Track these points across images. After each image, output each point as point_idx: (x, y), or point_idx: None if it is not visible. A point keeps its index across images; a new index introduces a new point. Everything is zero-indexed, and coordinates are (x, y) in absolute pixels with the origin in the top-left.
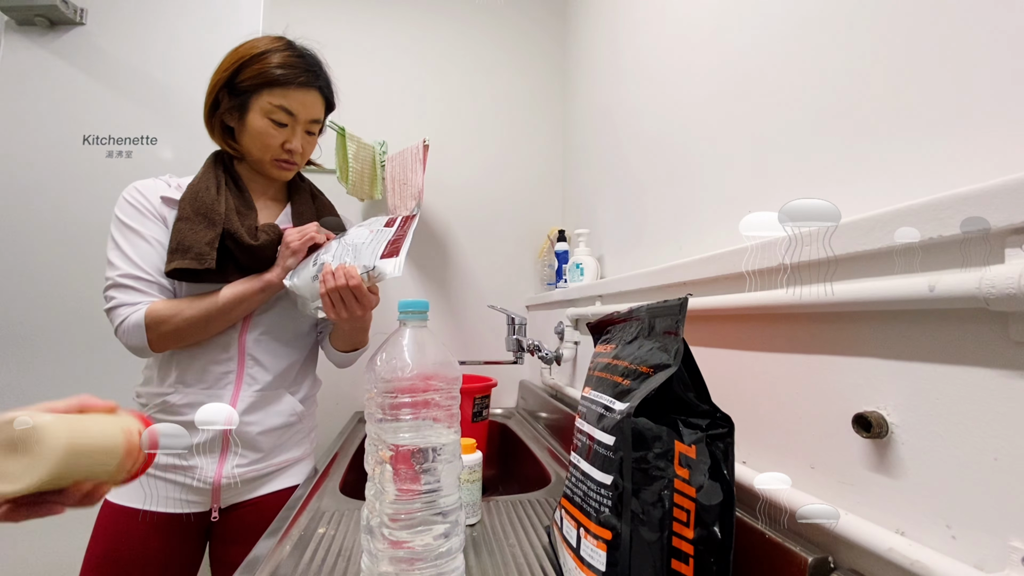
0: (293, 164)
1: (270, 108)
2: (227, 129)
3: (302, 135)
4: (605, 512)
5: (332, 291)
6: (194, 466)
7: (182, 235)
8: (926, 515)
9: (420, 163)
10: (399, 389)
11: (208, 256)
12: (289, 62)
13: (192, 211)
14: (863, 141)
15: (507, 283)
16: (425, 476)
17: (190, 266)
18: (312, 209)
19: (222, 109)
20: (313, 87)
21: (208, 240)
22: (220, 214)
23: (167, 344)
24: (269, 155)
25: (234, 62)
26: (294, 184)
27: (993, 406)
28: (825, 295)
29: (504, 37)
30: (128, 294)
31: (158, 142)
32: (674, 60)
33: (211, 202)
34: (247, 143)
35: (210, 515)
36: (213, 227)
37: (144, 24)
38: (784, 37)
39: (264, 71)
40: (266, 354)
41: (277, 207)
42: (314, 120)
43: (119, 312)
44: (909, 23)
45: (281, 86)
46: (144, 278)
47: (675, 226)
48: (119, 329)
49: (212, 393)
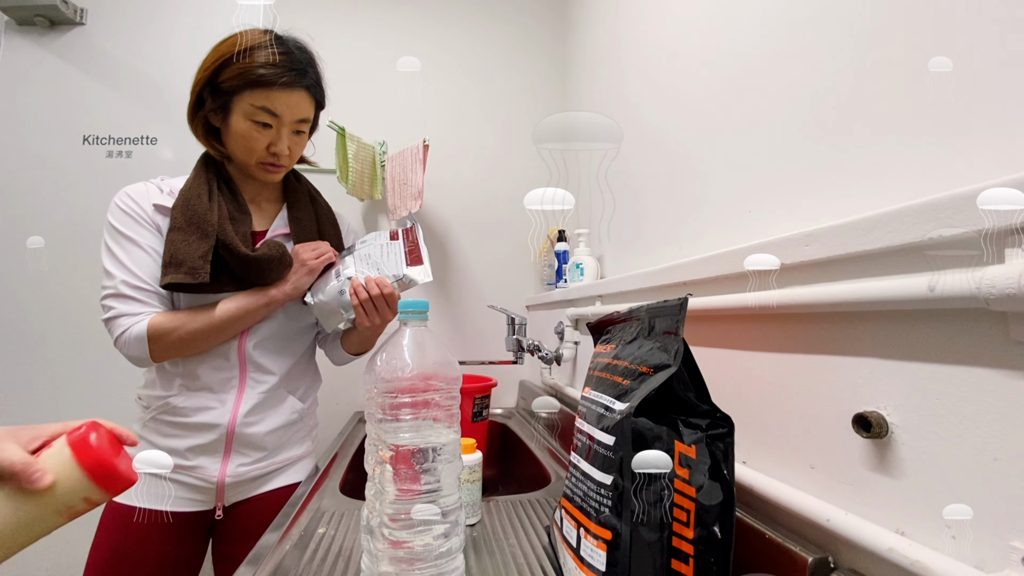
0: (280, 166)
1: (252, 110)
2: (212, 130)
3: (289, 136)
4: (605, 512)
5: (366, 301)
6: (198, 466)
7: (175, 247)
8: (926, 515)
9: (420, 163)
10: (399, 389)
11: (202, 270)
12: (273, 60)
13: (184, 221)
14: (863, 141)
15: (507, 283)
16: (425, 476)
17: (184, 280)
18: (311, 213)
19: (206, 109)
20: (298, 86)
21: (201, 253)
22: (213, 224)
23: (168, 355)
24: (254, 158)
25: (216, 60)
26: (289, 184)
27: (993, 406)
28: (825, 295)
29: (504, 37)
30: (127, 304)
31: (158, 142)
32: (674, 59)
33: (203, 211)
34: (232, 145)
35: (214, 513)
36: (206, 239)
37: (144, 24)
38: (784, 37)
39: (245, 70)
40: (266, 358)
41: (272, 209)
42: (302, 120)
43: (119, 323)
44: (909, 23)
45: (263, 87)
46: (143, 287)
47: (675, 226)
48: (119, 340)
49: (216, 396)
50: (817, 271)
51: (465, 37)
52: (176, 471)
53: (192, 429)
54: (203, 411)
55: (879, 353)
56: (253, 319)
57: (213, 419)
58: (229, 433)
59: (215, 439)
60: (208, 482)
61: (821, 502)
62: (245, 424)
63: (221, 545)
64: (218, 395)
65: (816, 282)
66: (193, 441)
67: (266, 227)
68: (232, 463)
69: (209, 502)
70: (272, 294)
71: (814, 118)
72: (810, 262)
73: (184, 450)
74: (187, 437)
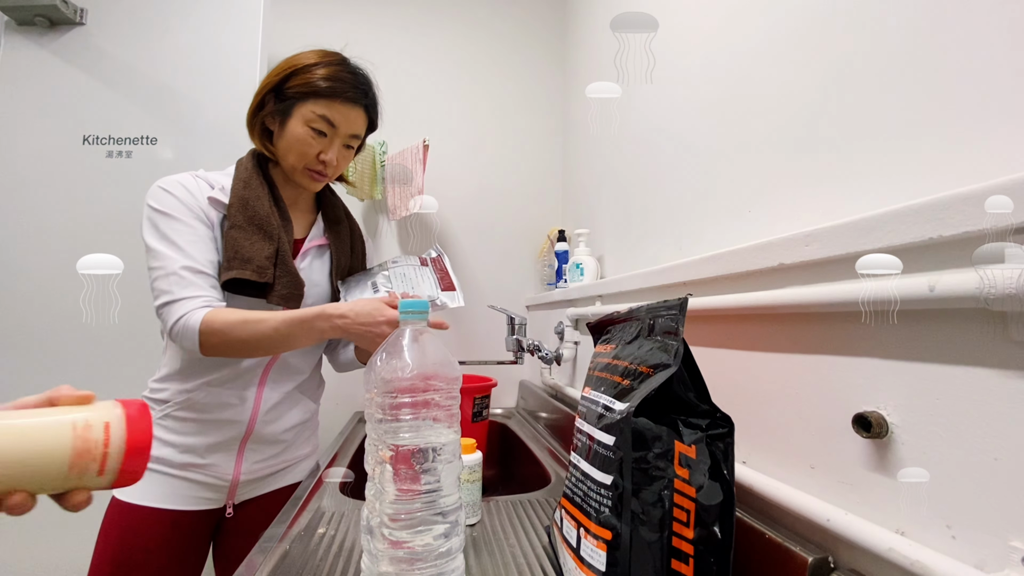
0: (325, 175)
1: (312, 117)
2: (266, 132)
3: (339, 148)
4: (605, 512)
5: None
6: (212, 464)
7: (238, 245)
8: (926, 515)
9: (420, 163)
10: (399, 389)
11: (268, 271)
12: (339, 76)
13: (245, 220)
14: (863, 141)
15: (507, 283)
16: (425, 476)
17: (252, 278)
18: (347, 229)
19: (265, 111)
20: (359, 104)
21: (268, 254)
22: (276, 228)
23: (216, 354)
24: (303, 163)
25: (286, 68)
26: (325, 197)
27: (993, 406)
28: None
29: (505, 37)
30: (186, 288)
31: (158, 142)
32: (674, 60)
33: (265, 215)
34: (284, 148)
35: (222, 512)
36: (271, 241)
37: (144, 24)
38: (783, 39)
39: (312, 81)
40: (294, 357)
41: (308, 218)
42: (354, 135)
43: (177, 308)
44: (910, 22)
45: (326, 97)
46: (202, 271)
47: (675, 226)
48: (174, 328)
49: (237, 393)
50: (817, 271)
51: (465, 37)
52: (188, 469)
53: (211, 425)
54: (224, 407)
55: (879, 353)
56: (298, 346)
57: (233, 416)
58: (248, 431)
59: (233, 436)
60: (222, 480)
61: (821, 502)
62: (264, 422)
63: (225, 544)
64: (239, 392)
65: (816, 282)
66: (211, 438)
67: (303, 235)
68: (247, 460)
69: (219, 500)
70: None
71: (815, 118)
72: (810, 262)
73: (200, 447)
74: (204, 434)
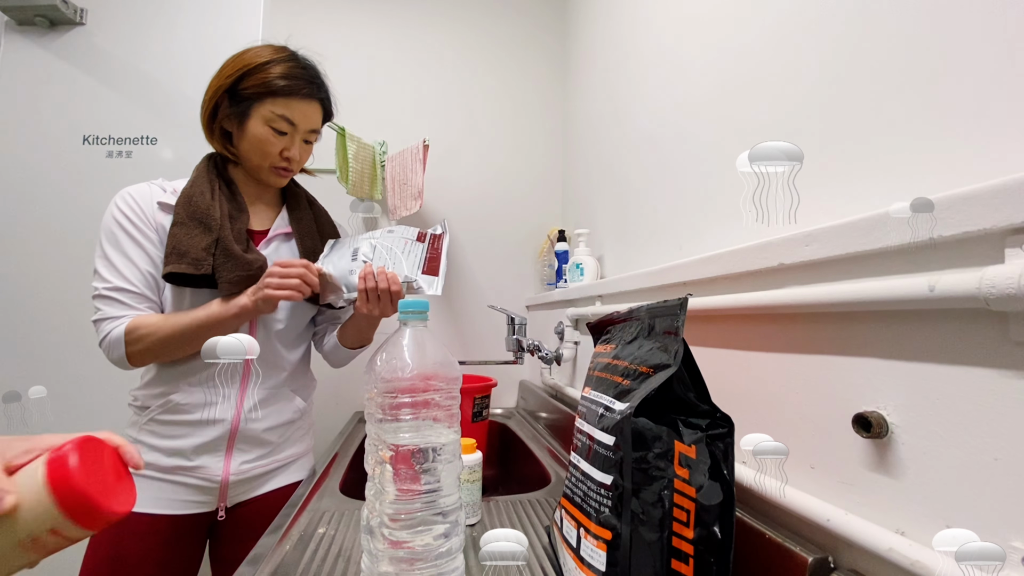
0: (290, 171)
1: (272, 116)
2: (225, 134)
3: (300, 144)
4: (605, 512)
5: (372, 290)
6: (200, 466)
7: (178, 240)
8: (926, 515)
9: (420, 163)
10: (399, 389)
11: (204, 262)
12: (293, 73)
13: (187, 215)
14: (863, 141)
15: (507, 283)
16: (425, 476)
17: (187, 271)
18: (310, 215)
19: (221, 114)
20: (315, 99)
21: (204, 246)
22: (216, 219)
23: (144, 360)
24: (268, 162)
25: (237, 69)
26: (288, 189)
27: (993, 406)
28: (825, 295)
29: (505, 37)
30: (113, 307)
31: (158, 142)
32: (674, 60)
33: (206, 207)
34: (246, 149)
35: (215, 515)
36: (209, 232)
37: (144, 24)
38: (783, 37)
39: (268, 80)
40: (271, 352)
41: (272, 211)
42: (313, 130)
43: (103, 326)
44: (910, 22)
45: (284, 96)
46: (131, 291)
47: (675, 226)
48: (103, 343)
49: (218, 391)
50: (817, 271)
51: (465, 37)
52: (177, 472)
53: (195, 426)
54: (206, 407)
55: (879, 353)
56: (226, 330)
57: (216, 414)
58: (233, 429)
59: (219, 435)
60: (211, 482)
61: (821, 502)
62: (249, 420)
63: (221, 547)
64: (221, 390)
65: (816, 282)
66: (196, 440)
67: (267, 227)
68: (235, 460)
69: (211, 503)
70: (241, 303)
71: (815, 118)
72: (810, 262)
73: (186, 450)
74: (189, 436)
